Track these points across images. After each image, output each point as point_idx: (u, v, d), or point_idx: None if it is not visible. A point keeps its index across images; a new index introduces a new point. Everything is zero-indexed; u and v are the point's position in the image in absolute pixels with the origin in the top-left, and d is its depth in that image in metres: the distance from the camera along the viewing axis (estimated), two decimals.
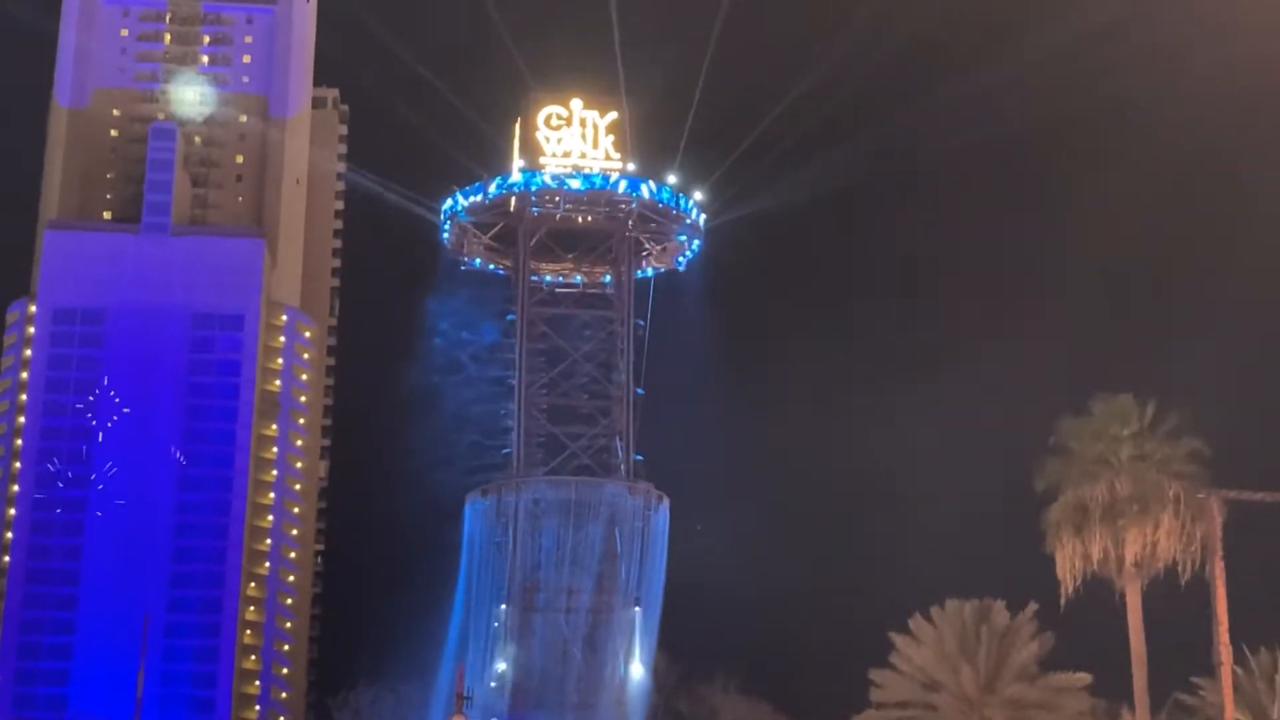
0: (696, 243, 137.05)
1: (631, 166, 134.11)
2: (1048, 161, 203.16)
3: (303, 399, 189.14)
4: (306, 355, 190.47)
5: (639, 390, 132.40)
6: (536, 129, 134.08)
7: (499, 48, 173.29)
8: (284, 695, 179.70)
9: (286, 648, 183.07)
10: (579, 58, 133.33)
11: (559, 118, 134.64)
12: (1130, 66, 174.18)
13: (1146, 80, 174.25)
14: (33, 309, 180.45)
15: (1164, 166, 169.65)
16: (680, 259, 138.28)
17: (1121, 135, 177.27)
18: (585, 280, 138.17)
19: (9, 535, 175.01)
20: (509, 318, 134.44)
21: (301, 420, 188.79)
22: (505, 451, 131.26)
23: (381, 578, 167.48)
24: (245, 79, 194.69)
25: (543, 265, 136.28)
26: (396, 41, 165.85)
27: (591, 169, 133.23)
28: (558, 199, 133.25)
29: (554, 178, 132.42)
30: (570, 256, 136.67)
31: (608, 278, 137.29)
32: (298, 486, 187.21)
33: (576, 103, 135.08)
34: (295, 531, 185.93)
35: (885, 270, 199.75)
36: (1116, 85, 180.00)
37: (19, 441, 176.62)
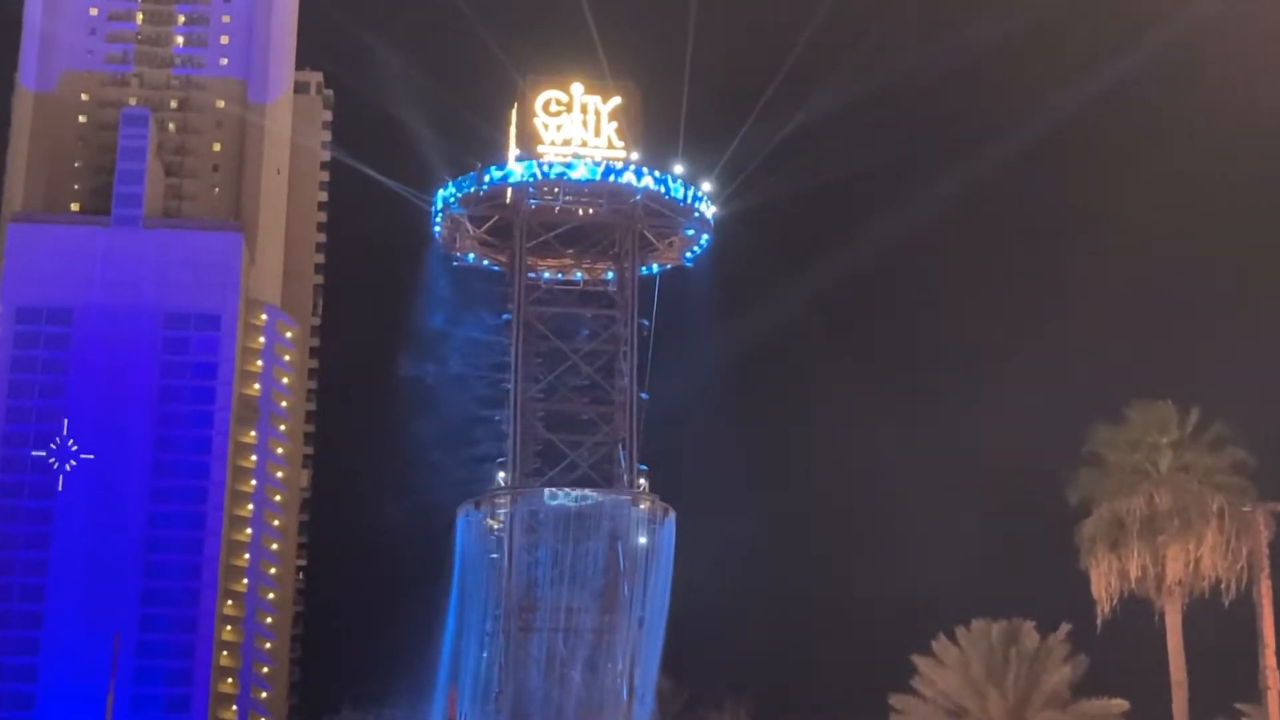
0: (705, 237, 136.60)
1: (636, 155, 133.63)
2: (1081, 157, 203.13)
3: (283, 404, 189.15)
4: (288, 357, 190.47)
5: (643, 395, 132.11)
6: (534, 115, 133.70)
7: (494, 30, 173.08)
8: None
9: (266, 670, 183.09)
10: (578, 38, 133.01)
11: (558, 103, 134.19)
12: (1164, 65, 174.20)
13: (1183, 78, 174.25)
14: None
15: (1204, 165, 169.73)
16: (688, 254, 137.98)
17: (1159, 134, 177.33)
18: (586, 277, 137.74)
19: None
20: (504, 317, 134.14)
21: (282, 426, 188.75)
22: (500, 460, 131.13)
23: (367, 595, 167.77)
24: (223, 61, 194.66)
25: (541, 261, 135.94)
26: (384, 22, 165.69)
27: (593, 158, 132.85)
28: (557, 190, 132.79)
29: (553, 167, 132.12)
30: (570, 252, 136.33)
31: (610, 274, 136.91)
32: (278, 497, 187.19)
33: (577, 87, 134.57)
34: (275, 546, 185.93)
35: (905, 269, 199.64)
36: (1150, 83, 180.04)
37: None
